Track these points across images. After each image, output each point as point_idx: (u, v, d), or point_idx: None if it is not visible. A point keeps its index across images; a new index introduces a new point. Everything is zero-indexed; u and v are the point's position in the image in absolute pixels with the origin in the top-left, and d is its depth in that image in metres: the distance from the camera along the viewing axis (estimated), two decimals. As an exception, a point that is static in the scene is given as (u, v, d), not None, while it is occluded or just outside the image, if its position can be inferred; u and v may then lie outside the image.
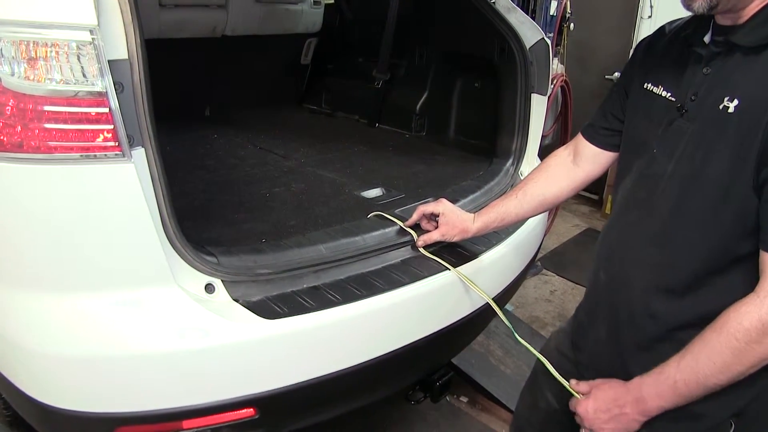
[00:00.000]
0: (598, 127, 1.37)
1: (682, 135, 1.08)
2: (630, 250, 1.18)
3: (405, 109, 2.96)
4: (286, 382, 1.35)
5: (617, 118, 1.31)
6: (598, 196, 4.94)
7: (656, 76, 1.18)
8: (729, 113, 1.00)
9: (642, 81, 1.21)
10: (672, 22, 1.24)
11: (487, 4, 2.21)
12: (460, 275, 1.59)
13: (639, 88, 1.21)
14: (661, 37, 1.24)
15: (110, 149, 1.12)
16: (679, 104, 1.09)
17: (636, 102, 1.22)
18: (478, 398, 2.58)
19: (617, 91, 1.32)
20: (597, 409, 1.14)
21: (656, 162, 1.12)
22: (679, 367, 1.04)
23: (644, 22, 4.32)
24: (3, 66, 1.05)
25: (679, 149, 1.08)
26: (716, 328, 1.00)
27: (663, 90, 1.15)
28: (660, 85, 1.16)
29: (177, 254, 1.27)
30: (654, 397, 1.07)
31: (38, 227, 1.14)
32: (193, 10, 2.79)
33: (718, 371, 1.00)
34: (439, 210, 1.63)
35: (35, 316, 1.20)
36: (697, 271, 1.07)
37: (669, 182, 1.09)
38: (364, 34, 3.27)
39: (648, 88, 1.18)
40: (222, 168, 2.29)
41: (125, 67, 1.13)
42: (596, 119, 1.38)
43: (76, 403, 1.22)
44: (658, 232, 1.12)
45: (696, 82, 1.08)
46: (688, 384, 1.03)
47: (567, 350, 1.43)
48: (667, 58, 1.17)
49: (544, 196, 1.50)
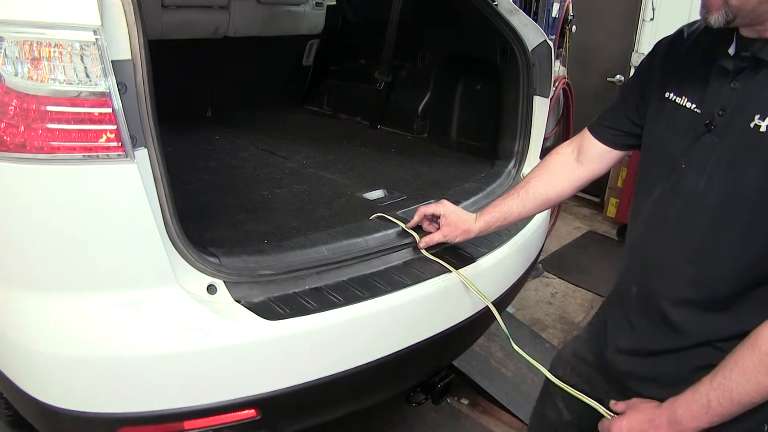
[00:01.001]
0: (609, 126, 1.35)
1: (712, 151, 1.06)
2: (666, 267, 1.16)
3: (407, 111, 2.96)
4: (288, 384, 1.35)
5: (631, 121, 1.29)
6: (599, 199, 4.94)
7: (679, 86, 1.15)
8: (761, 132, 0.98)
9: (663, 89, 1.18)
10: (691, 25, 1.20)
11: (489, 5, 2.22)
12: (462, 277, 1.58)
13: (660, 97, 1.18)
14: (680, 41, 1.20)
15: (113, 149, 1.12)
16: (707, 119, 1.07)
17: (657, 110, 1.20)
18: (479, 400, 2.58)
19: (632, 93, 1.29)
20: (631, 428, 1.13)
21: (686, 178, 1.10)
22: (712, 385, 1.02)
23: (646, 25, 4.32)
24: (6, 66, 1.05)
25: (709, 165, 1.06)
26: (748, 346, 1.00)
27: (687, 101, 1.13)
28: (683, 95, 1.14)
29: (179, 255, 1.27)
30: (689, 417, 1.05)
31: (40, 227, 1.14)
32: (195, 11, 2.80)
33: (752, 390, 0.99)
34: (440, 211, 1.62)
35: (38, 316, 1.20)
36: (734, 288, 1.07)
37: (702, 200, 1.07)
38: (367, 36, 3.28)
39: (670, 98, 1.16)
40: (224, 169, 2.29)
41: (128, 68, 1.14)
42: (607, 118, 1.36)
43: (79, 403, 1.22)
44: (695, 250, 1.10)
45: (723, 97, 1.06)
46: (722, 403, 1.01)
47: (587, 355, 1.41)
48: (689, 67, 1.14)
49: (547, 195, 1.49)
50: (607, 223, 4.68)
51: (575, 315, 3.44)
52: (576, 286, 3.74)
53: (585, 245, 4.38)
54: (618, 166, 4.47)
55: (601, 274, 3.93)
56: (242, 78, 3.26)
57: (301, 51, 3.43)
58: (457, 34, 2.69)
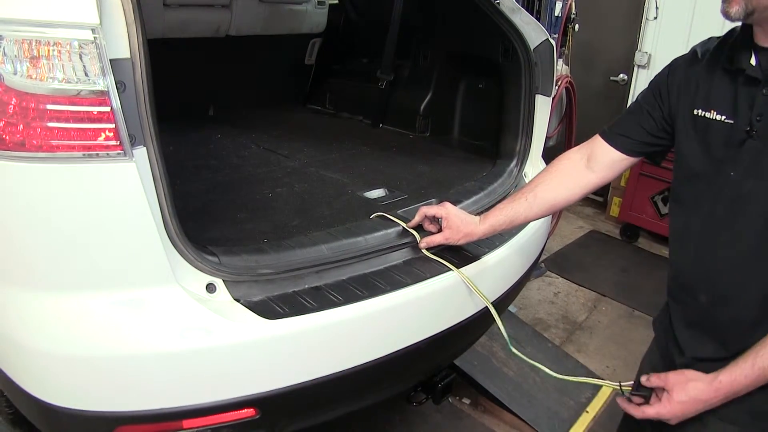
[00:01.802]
0: (623, 134, 1.37)
1: (757, 154, 1.11)
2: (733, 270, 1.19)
3: (409, 110, 2.96)
4: (287, 383, 1.34)
5: (646, 130, 1.32)
6: (602, 198, 4.93)
7: (706, 102, 1.19)
8: None
9: (691, 107, 1.22)
10: (703, 44, 1.26)
11: (492, 4, 2.21)
12: (463, 277, 1.58)
13: (689, 115, 1.22)
14: (696, 60, 1.25)
15: (112, 148, 1.12)
16: (747, 127, 1.12)
17: (688, 128, 1.23)
18: (481, 400, 2.58)
19: (648, 104, 1.32)
20: (685, 411, 1.17)
21: (735, 184, 1.14)
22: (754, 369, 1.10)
23: (649, 24, 4.30)
24: (5, 64, 1.05)
25: (754, 168, 1.11)
26: None
27: (716, 114, 1.17)
28: (711, 109, 1.18)
29: (178, 254, 1.26)
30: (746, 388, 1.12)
31: (40, 226, 1.14)
32: (197, 10, 2.79)
33: None
34: (441, 214, 1.61)
35: (37, 314, 1.20)
36: None
37: (754, 201, 1.12)
38: (369, 35, 3.27)
39: (700, 114, 1.20)
40: (225, 168, 2.29)
41: (127, 67, 1.14)
42: (623, 127, 1.37)
43: (78, 401, 1.22)
44: (755, 247, 1.14)
45: (758, 104, 1.11)
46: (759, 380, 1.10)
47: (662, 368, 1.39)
48: (713, 83, 1.19)
49: (555, 200, 1.50)
50: (610, 222, 4.67)
51: (578, 314, 3.43)
52: (579, 285, 3.73)
53: (588, 245, 4.37)
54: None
55: (603, 273, 3.93)
56: (244, 77, 3.26)
57: (303, 50, 3.43)
58: (459, 33, 2.69)
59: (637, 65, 4.47)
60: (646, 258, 4.20)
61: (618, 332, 3.28)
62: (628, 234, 4.44)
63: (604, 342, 3.19)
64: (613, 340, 3.21)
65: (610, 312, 3.49)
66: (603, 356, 3.06)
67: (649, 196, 4.20)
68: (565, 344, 3.12)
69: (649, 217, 4.27)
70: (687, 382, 1.17)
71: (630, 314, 3.46)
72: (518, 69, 2.23)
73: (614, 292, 3.66)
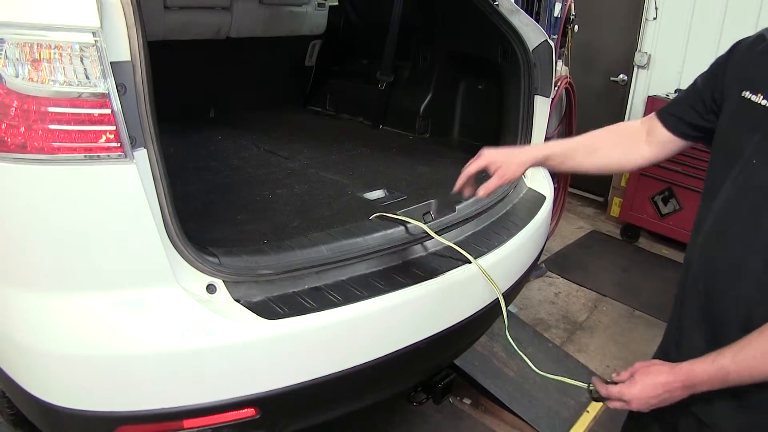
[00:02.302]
0: (678, 116, 1.33)
1: None
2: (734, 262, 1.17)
3: (409, 111, 2.97)
4: (287, 383, 1.35)
5: (698, 113, 1.29)
6: (603, 198, 4.94)
7: (754, 84, 1.16)
8: None
9: (741, 89, 1.18)
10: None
11: (490, 5, 2.22)
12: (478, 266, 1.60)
13: (738, 96, 1.19)
14: (759, 42, 1.20)
15: (113, 150, 1.14)
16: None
17: (733, 109, 1.20)
18: (481, 400, 2.58)
19: (704, 86, 1.28)
20: (647, 395, 1.16)
21: (758, 173, 1.11)
22: (735, 360, 1.07)
23: (649, 24, 4.31)
24: (7, 67, 1.07)
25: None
26: None
27: (762, 98, 1.13)
28: (759, 93, 1.14)
29: (179, 254, 1.28)
30: (704, 383, 1.11)
31: (41, 227, 1.15)
32: (197, 12, 2.80)
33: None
34: (483, 163, 1.46)
35: (39, 315, 1.21)
36: None
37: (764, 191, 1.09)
38: (368, 36, 3.28)
39: (747, 97, 1.16)
40: (225, 169, 2.30)
41: (128, 69, 1.15)
42: (677, 108, 1.34)
43: (79, 401, 1.23)
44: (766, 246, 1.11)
45: None
46: (740, 376, 1.07)
47: None
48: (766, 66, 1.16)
49: (610, 159, 1.44)
50: (611, 222, 4.68)
51: (578, 314, 3.43)
52: (579, 285, 3.74)
53: (588, 245, 4.38)
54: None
55: (604, 273, 3.93)
56: (245, 78, 3.27)
57: (303, 51, 3.44)
58: (459, 34, 2.70)
59: (636, 65, 4.48)
60: (647, 258, 4.20)
61: (619, 332, 3.29)
62: (628, 234, 4.45)
63: (605, 342, 3.20)
64: (613, 340, 3.21)
65: (611, 312, 3.49)
66: (604, 356, 3.06)
67: (649, 196, 4.21)
68: (566, 344, 3.12)
69: (649, 217, 4.27)
70: (650, 366, 1.19)
71: (631, 314, 3.47)
72: (517, 70, 2.24)
73: (615, 292, 3.66)
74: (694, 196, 3.99)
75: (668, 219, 4.19)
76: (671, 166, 4.01)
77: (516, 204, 2.14)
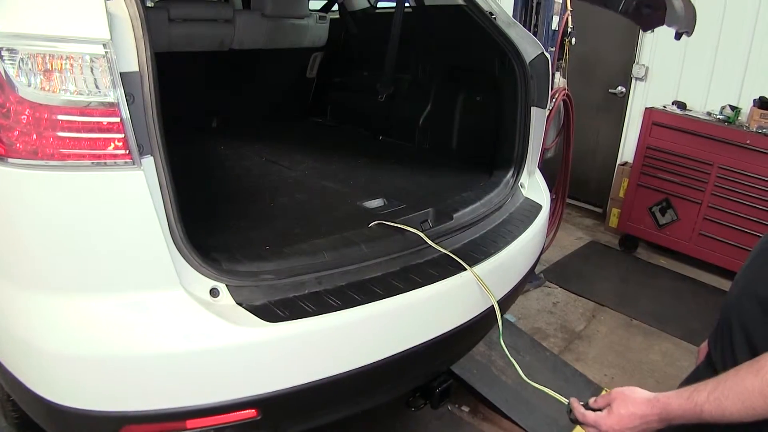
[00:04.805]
0: None
1: None
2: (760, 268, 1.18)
3: (408, 122, 3.01)
4: (288, 384, 1.38)
5: None
6: (601, 209, 4.97)
7: None
8: None
9: None
10: None
11: (488, 19, 2.27)
12: (474, 274, 1.63)
13: None
14: None
15: (121, 157, 1.18)
16: None
17: None
18: (480, 408, 2.60)
19: None
20: (624, 426, 1.16)
21: None
22: (709, 398, 1.06)
23: (647, 37, 4.36)
24: (20, 77, 1.11)
25: None
26: (753, 370, 1.02)
27: None
28: None
29: (183, 259, 1.31)
30: (680, 418, 1.10)
31: (50, 231, 1.19)
32: (201, 24, 2.86)
33: (744, 412, 1.02)
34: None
35: (46, 316, 1.24)
36: None
37: None
38: (369, 49, 3.33)
39: None
40: (228, 178, 2.34)
41: (136, 79, 1.19)
42: None
43: (85, 401, 1.26)
44: None
45: None
46: (713, 415, 1.06)
47: None
48: None
49: None
50: (610, 233, 4.71)
51: (576, 324, 3.46)
52: (577, 295, 3.76)
53: (587, 255, 4.40)
54: (620, 176, 4.51)
55: (602, 283, 3.95)
56: (247, 90, 3.32)
57: (305, 63, 3.49)
58: (457, 47, 2.74)
59: (634, 78, 4.54)
60: (645, 268, 4.23)
61: (616, 341, 3.31)
62: (626, 244, 4.48)
63: (603, 351, 3.22)
64: (611, 349, 3.23)
65: (609, 321, 3.51)
66: (601, 365, 3.08)
67: (647, 207, 4.24)
68: (564, 353, 3.14)
69: (647, 228, 4.31)
70: (630, 395, 1.17)
71: (628, 323, 3.49)
72: (514, 82, 2.28)
73: (613, 302, 3.69)
74: (691, 206, 4.03)
75: (666, 229, 4.22)
76: (668, 177, 4.05)
77: (513, 213, 2.17)
